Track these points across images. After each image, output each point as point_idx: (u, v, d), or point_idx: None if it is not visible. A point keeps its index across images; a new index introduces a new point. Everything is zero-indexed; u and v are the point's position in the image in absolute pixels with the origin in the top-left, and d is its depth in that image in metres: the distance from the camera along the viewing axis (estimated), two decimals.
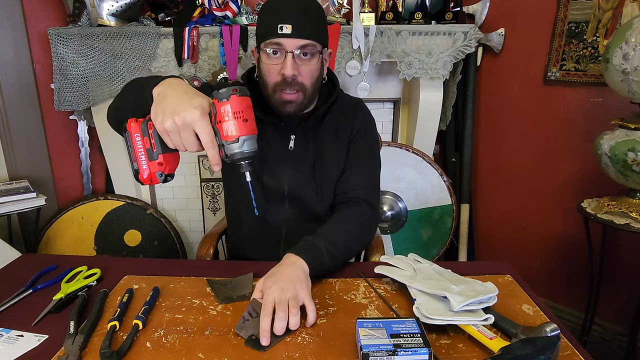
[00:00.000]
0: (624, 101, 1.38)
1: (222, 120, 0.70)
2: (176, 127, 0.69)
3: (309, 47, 0.94)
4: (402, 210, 2.04)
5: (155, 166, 0.74)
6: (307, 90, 0.98)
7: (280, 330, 0.71)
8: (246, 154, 0.72)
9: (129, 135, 0.74)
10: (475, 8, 1.99)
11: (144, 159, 0.74)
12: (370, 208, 1.06)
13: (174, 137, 0.70)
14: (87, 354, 0.67)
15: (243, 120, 0.70)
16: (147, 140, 0.74)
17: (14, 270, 0.96)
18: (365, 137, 1.11)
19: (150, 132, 0.73)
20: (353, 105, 1.13)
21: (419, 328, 0.66)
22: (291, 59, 0.93)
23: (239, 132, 0.70)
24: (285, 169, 1.06)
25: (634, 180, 1.34)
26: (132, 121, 0.74)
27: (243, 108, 0.71)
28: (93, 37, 1.77)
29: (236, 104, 0.70)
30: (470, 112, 2.07)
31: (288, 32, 0.91)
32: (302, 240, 0.91)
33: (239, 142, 0.71)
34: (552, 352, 0.60)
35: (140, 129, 0.74)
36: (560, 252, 1.88)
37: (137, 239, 2.11)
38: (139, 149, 0.74)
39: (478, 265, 1.10)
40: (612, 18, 1.58)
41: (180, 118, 0.68)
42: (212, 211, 2.27)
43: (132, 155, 0.75)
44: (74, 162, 2.12)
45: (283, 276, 0.79)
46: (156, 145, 0.73)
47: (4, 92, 1.83)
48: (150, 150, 0.74)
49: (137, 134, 0.74)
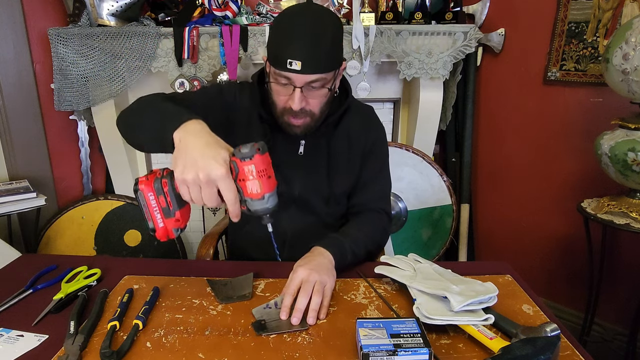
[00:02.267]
0: (624, 101, 1.38)
1: (246, 179, 0.69)
2: (199, 182, 0.67)
3: (318, 81, 0.91)
4: (402, 210, 2.04)
5: (172, 223, 0.73)
6: (315, 116, 0.97)
7: (302, 304, 0.74)
8: (270, 209, 0.73)
9: (142, 196, 0.72)
10: (475, 8, 1.99)
11: (159, 218, 0.73)
12: (387, 216, 1.12)
13: (194, 190, 0.68)
14: (87, 354, 0.67)
15: (267, 177, 0.70)
16: (163, 199, 0.72)
17: (14, 270, 0.96)
18: (379, 150, 1.12)
19: (166, 190, 0.72)
20: (367, 116, 1.13)
21: (419, 328, 0.66)
22: (299, 94, 0.90)
23: (263, 190, 0.70)
24: (295, 173, 1.06)
25: (634, 180, 1.34)
26: (143, 180, 0.72)
27: (266, 166, 0.70)
28: (93, 37, 1.77)
29: (260, 163, 0.69)
30: (470, 112, 2.07)
31: (297, 69, 0.87)
32: (328, 236, 0.95)
33: (264, 199, 0.71)
34: (552, 352, 0.60)
35: (154, 188, 0.72)
36: (560, 252, 1.88)
37: (137, 239, 2.11)
38: (154, 208, 0.73)
39: (478, 265, 1.10)
40: (612, 18, 1.58)
41: (204, 174, 0.66)
42: (212, 211, 2.27)
43: (146, 214, 0.73)
44: (74, 162, 2.12)
45: (313, 261, 0.83)
46: (172, 203, 0.72)
47: (4, 92, 1.83)
48: (166, 209, 0.73)
49: (151, 192, 0.72)
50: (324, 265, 0.84)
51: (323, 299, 0.77)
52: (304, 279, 0.78)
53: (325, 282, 0.79)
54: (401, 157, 2.00)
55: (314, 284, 0.77)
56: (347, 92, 1.08)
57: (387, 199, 1.14)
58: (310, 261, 0.83)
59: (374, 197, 1.11)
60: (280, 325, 0.73)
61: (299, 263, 0.83)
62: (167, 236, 0.75)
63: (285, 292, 0.78)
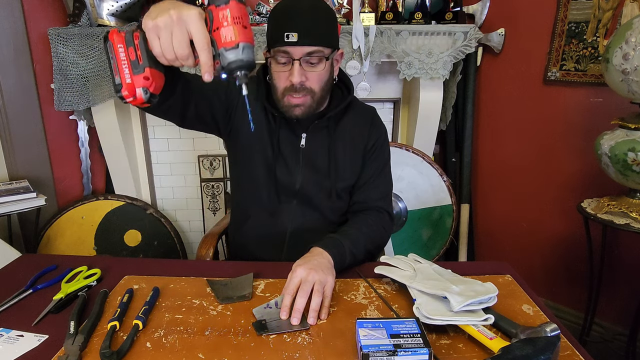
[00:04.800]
0: (624, 101, 1.38)
1: (220, 27, 0.66)
2: (171, 22, 0.65)
3: (316, 54, 0.93)
4: (402, 210, 2.04)
5: (140, 80, 0.69)
6: (315, 94, 0.98)
7: (300, 305, 0.74)
8: (245, 62, 0.67)
9: (112, 46, 0.68)
10: (475, 8, 1.99)
11: (127, 72, 0.69)
12: (389, 216, 1.13)
13: (165, 35, 0.66)
14: (87, 354, 0.67)
15: (242, 26, 0.67)
16: (133, 51, 0.68)
17: (14, 270, 0.96)
18: (381, 150, 1.13)
19: (137, 42, 0.68)
20: (369, 116, 1.15)
21: (419, 328, 0.66)
22: (298, 67, 0.93)
23: (238, 38, 0.66)
24: (297, 166, 1.07)
25: (634, 180, 1.34)
26: (114, 31, 0.68)
27: (242, 14, 0.67)
28: (93, 37, 1.77)
29: (235, 9, 0.66)
30: (470, 112, 2.07)
31: (294, 40, 0.90)
32: (327, 237, 0.95)
33: (239, 49, 0.66)
34: (552, 352, 0.60)
35: (125, 39, 0.68)
36: (560, 252, 1.88)
37: (137, 239, 2.11)
38: (122, 60, 0.68)
39: (478, 265, 1.10)
40: (612, 18, 1.58)
41: (177, 12, 0.65)
42: (212, 211, 2.27)
43: (114, 68, 0.69)
44: (74, 162, 2.12)
45: (313, 261, 0.83)
46: (142, 56, 0.68)
47: (4, 92, 1.82)
48: (135, 62, 0.68)
49: (121, 44, 0.68)
50: (323, 264, 0.83)
51: (324, 299, 0.77)
52: (303, 278, 0.78)
53: (324, 281, 0.79)
54: (401, 157, 2.00)
55: (313, 283, 0.77)
56: (348, 89, 1.10)
57: (388, 198, 1.15)
58: (309, 261, 0.83)
59: (374, 196, 1.11)
60: (281, 325, 0.73)
61: (298, 263, 0.83)
62: (134, 96, 0.70)
63: (285, 291, 0.78)
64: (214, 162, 2.20)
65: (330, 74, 1.00)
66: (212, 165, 2.20)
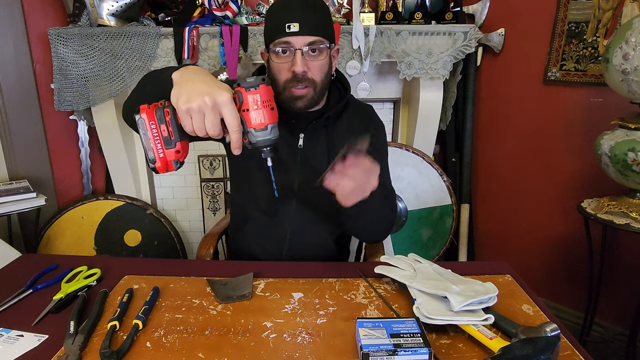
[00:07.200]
0: (624, 101, 1.38)
1: (250, 109, 0.71)
2: (205, 107, 0.68)
3: (317, 44, 0.95)
4: (402, 210, 2.04)
5: (172, 154, 0.73)
6: (317, 86, 0.99)
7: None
8: (272, 141, 0.74)
9: (143, 123, 0.71)
10: (475, 8, 1.99)
11: (160, 148, 0.72)
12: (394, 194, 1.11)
13: (197, 118, 0.69)
14: (87, 354, 0.67)
15: (270, 108, 0.72)
16: (165, 128, 0.72)
17: (14, 270, 0.96)
18: (379, 146, 1.12)
19: (168, 119, 0.71)
20: (367, 114, 1.15)
21: (419, 328, 0.66)
22: (300, 56, 0.94)
23: (267, 120, 0.72)
24: (294, 166, 1.07)
25: (634, 180, 1.34)
26: (144, 108, 0.72)
27: (270, 97, 0.72)
28: (93, 37, 1.77)
29: (265, 93, 0.71)
30: (470, 112, 2.07)
31: (296, 30, 0.92)
32: None
33: (267, 130, 0.73)
34: (552, 352, 0.60)
35: (156, 116, 0.71)
36: (560, 252, 1.88)
37: (137, 239, 2.11)
38: (155, 137, 0.72)
39: (478, 265, 1.10)
40: (612, 18, 1.58)
41: (211, 98, 0.67)
42: (212, 211, 2.27)
43: (146, 143, 0.72)
44: (74, 162, 2.12)
45: None
46: (174, 133, 0.72)
47: (4, 92, 1.83)
48: (167, 139, 0.72)
49: (152, 121, 0.71)
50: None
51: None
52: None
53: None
54: (401, 157, 2.00)
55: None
56: (346, 89, 1.10)
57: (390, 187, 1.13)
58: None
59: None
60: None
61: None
62: (167, 168, 0.74)
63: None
64: (214, 162, 2.20)
65: (329, 67, 1.01)
66: (212, 165, 2.20)
